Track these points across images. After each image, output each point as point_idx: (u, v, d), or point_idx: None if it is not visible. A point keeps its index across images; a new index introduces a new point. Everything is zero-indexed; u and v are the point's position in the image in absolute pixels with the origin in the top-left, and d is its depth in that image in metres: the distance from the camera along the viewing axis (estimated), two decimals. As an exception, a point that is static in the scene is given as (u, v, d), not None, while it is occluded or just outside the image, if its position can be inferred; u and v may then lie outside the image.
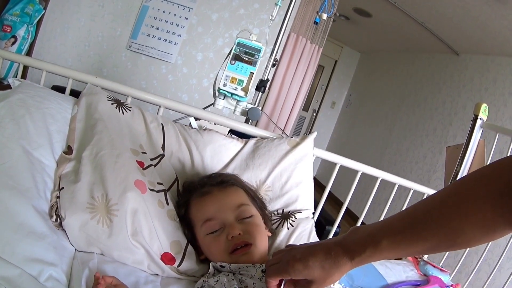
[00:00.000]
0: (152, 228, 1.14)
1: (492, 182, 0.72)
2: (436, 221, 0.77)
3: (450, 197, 0.79)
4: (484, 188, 0.72)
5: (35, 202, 1.07)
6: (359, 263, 0.86)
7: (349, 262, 0.86)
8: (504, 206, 0.68)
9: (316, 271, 0.87)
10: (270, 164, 1.57)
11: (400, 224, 0.83)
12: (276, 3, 1.83)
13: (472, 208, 0.73)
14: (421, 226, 0.79)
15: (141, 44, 4.00)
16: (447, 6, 4.03)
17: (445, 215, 0.76)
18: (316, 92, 8.20)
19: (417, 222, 0.80)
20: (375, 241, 0.84)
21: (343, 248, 0.87)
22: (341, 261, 0.86)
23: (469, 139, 2.30)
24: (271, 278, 0.96)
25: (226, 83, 1.67)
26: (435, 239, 0.77)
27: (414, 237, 0.80)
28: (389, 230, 0.84)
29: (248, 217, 1.23)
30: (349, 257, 0.85)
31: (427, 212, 0.80)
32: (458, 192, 0.77)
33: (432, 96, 5.59)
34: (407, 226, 0.81)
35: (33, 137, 1.21)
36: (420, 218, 0.80)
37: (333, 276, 0.87)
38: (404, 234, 0.81)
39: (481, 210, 0.71)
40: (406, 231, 0.81)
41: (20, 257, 0.88)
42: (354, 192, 1.94)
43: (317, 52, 4.56)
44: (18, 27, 2.73)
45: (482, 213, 0.71)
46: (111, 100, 1.45)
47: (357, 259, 0.85)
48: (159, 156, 1.44)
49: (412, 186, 2.06)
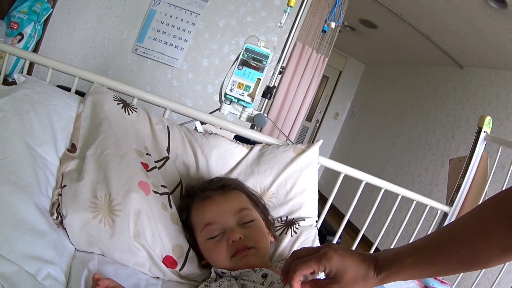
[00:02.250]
0: (155, 230, 1.13)
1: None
2: (459, 241, 0.80)
3: (472, 218, 0.82)
4: (504, 210, 0.75)
5: (36, 199, 1.06)
6: (385, 280, 0.87)
7: (376, 277, 0.88)
8: None
9: (349, 270, 0.88)
10: (275, 170, 1.56)
11: (425, 245, 0.86)
12: (285, 10, 1.82)
13: (492, 229, 0.76)
14: (445, 245, 0.82)
15: (147, 48, 4.00)
16: (452, 19, 4.04)
17: (467, 235, 0.80)
18: (320, 103, 8.19)
19: (440, 243, 0.83)
20: (401, 259, 0.86)
21: (374, 262, 0.89)
22: (370, 273, 0.88)
23: (472, 151, 2.28)
24: (299, 271, 0.89)
25: (233, 88, 1.66)
26: (457, 258, 0.80)
27: (437, 256, 0.82)
28: (414, 250, 0.87)
29: (250, 221, 1.21)
30: (377, 272, 0.88)
31: (450, 233, 0.84)
32: (480, 214, 0.81)
33: (436, 109, 5.59)
34: (432, 246, 0.84)
35: (37, 133, 1.20)
36: (444, 239, 0.84)
37: (358, 284, 0.88)
38: (428, 253, 0.84)
39: (502, 230, 0.74)
40: (431, 250, 0.84)
41: (19, 254, 0.87)
42: (354, 203, 1.93)
43: (323, 62, 4.55)
44: (25, 25, 2.73)
45: (502, 234, 0.74)
46: (117, 100, 1.44)
47: (383, 275, 0.87)
48: (164, 159, 1.43)
49: (415, 197, 2.05)
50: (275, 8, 4.05)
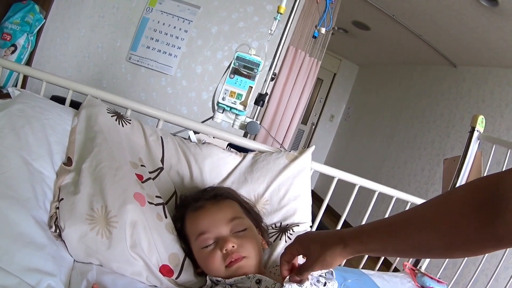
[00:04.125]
0: (151, 240, 1.15)
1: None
2: (424, 221, 0.84)
3: (441, 201, 0.85)
4: (473, 198, 0.77)
5: (34, 213, 1.07)
6: (351, 253, 0.96)
7: (343, 249, 0.95)
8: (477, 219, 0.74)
9: (315, 246, 1.01)
10: (268, 178, 1.58)
11: (391, 220, 0.92)
12: (275, 17, 1.84)
13: (459, 214, 0.78)
14: (409, 222, 0.88)
15: (141, 56, 4.01)
16: (444, 18, 4.06)
17: (433, 216, 0.83)
18: (315, 105, 8.20)
19: (407, 219, 0.90)
20: (367, 232, 0.95)
21: (339, 236, 0.98)
22: (336, 247, 0.96)
23: (466, 151, 2.31)
24: (283, 259, 1.09)
25: (225, 97, 1.68)
26: (417, 238, 0.84)
27: (401, 231, 0.88)
28: (380, 223, 0.94)
29: (242, 230, 1.22)
30: (343, 245, 0.96)
31: (418, 212, 0.89)
32: (450, 198, 0.84)
33: (430, 109, 5.61)
34: (398, 221, 0.91)
35: (33, 148, 1.22)
36: (410, 216, 0.90)
37: (325, 256, 0.97)
38: (394, 227, 0.91)
39: (466, 217, 0.76)
40: (396, 225, 0.90)
41: (19, 267, 0.88)
42: (352, 205, 1.95)
43: (316, 65, 4.56)
44: (18, 36, 2.74)
45: (466, 221, 0.76)
46: (111, 112, 1.46)
47: (350, 248, 0.95)
48: (158, 170, 1.45)
49: (409, 199, 2.07)
50: (267, 14, 4.07)
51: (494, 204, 0.71)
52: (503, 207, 0.69)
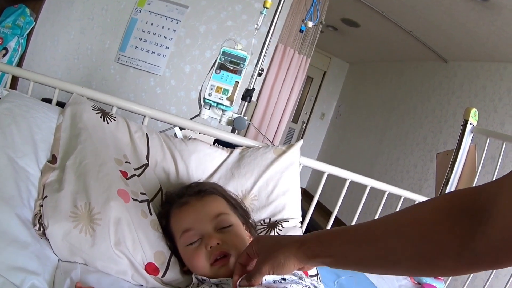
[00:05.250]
0: (135, 238, 1.13)
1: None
2: (392, 230, 0.78)
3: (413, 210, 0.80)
4: (452, 206, 0.72)
5: (18, 211, 1.06)
6: (311, 259, 0.90)
7: (299, 253, 0.91)
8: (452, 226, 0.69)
9: (266, 246, 0.99)
10: (256, 173, 1.57)
11: (358, 227, 0.86)
12: (261, 12, 1.84)
13: (433, 222, 0.72)
14: (375, 232, 0.81)
15: (130, 56, 4.01)
16: (434, 14, 4.08)
17: (402, 225, 0.78)
18: (305, 104, 8.21)
19: (373, 228, 0.83)
20: (319, 232, 0.93)
21: (299, 240, 0.93)
22: (290, 249, 0.92)
23: (459, 144, 2.30)
24: (238, 261, 1.07)
25: (211, 93, 1.67)
26: (384, 249, 0.78)
27: (365, 242, 0.82)
28: (344, 231, 0.88)
29: (227, 226, 1.20)
30: (302, 249, 0.91)
31: (385, 221, 0.82)
32: (425, 206, 0.79)
33: (422, 105, 5.63)
34: (363, 230, 0.85)
35: (18, 146, 1.21)
36: (376, 226, 0.83)
37: (277, 257, 0.93)
38: (358, 236, 0.84)
39: (441, 225, 0.71)
40: (361, 233, 0.84)
41: (3, 266, 0.87)
42: (344, 202, 1.94)
43: (305, 63, 4.57)
44: (9, 39, 2.74)
45: (441, 228, 0.70)
46: (96, 109, 1.45)
47: (308, 252, 0.90)
48: (143, 166, 1.44)
49: (402, 193, 2.06)
50: (255, 12, 4.08)
51: (474, 215, 0.65)
52: (484, 219, 0.63)
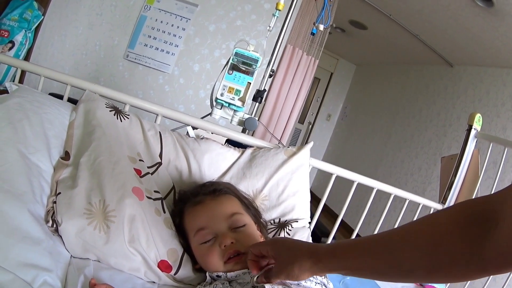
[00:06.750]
0: (149, 235, 1.14)
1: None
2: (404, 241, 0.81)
3: (424, 223, 0.82)
4: (462, 217, 0.74)
5: (31, 207, 1.05)
6: (324, 268, 0.92)
7: (314, 263, 0.92)
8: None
9: (285, 252, 0.99)
10: (267, 173, 1.58)
11: (373, 237, 0.89)
12: (273, 14, 1.84)
13: (443, 233, 0.75)
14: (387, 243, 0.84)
15: (139, 54, 4.00)
16: (440, 18, 4.09)
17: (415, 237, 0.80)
18: (312, 105, 8.20)
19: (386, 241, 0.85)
20: (333, 246, 0.93)
21: (313, 249, 0.95)
22: (305, 258, 0.94)
23: (463, 149, 2.31)
24: (252, 250, 1.08)
25: (224, 93, 1.67)
26: (397, 259, 0.81)
27: (378, 253, 0.84)
28: (356, 243, 0.90)
29: (241, 226, 1.22)
30: (315, 259, 0.92)
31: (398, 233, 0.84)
32: (435, 218, 0.81)
33: (427, 108, 5.62)
34: (377, 241, 0.87)
35: (31, 142, 1.20)
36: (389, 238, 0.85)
37: (294, 264, 0.95)
38: (371, 245, 0.87)
39: (452, 235, 0.73)
40: (375, 244, 0.87)
41: (14, 262, 0.86)
42: (349, 204, 1.94)
43: (313, 64, 4.56)
44: (16, 32, 2.71)
45: (451, 238, 0.73)
46: (109, 107, 1.45)
47: (322, 262, 0.92)
48: (156, 164, 1.44)
49: (407, 196, 2.06)
50: (264, 12, 4.07)
51: (482, 224, 0.68)
52: (492, 226, 0.66)
